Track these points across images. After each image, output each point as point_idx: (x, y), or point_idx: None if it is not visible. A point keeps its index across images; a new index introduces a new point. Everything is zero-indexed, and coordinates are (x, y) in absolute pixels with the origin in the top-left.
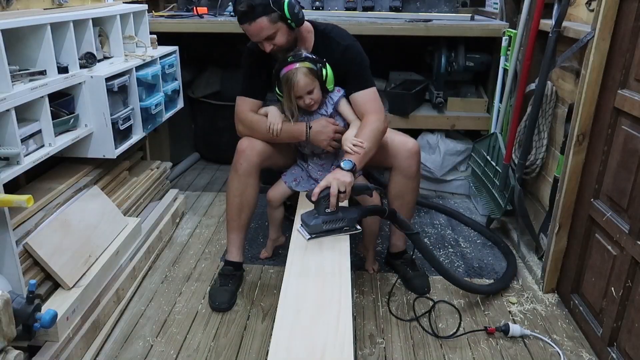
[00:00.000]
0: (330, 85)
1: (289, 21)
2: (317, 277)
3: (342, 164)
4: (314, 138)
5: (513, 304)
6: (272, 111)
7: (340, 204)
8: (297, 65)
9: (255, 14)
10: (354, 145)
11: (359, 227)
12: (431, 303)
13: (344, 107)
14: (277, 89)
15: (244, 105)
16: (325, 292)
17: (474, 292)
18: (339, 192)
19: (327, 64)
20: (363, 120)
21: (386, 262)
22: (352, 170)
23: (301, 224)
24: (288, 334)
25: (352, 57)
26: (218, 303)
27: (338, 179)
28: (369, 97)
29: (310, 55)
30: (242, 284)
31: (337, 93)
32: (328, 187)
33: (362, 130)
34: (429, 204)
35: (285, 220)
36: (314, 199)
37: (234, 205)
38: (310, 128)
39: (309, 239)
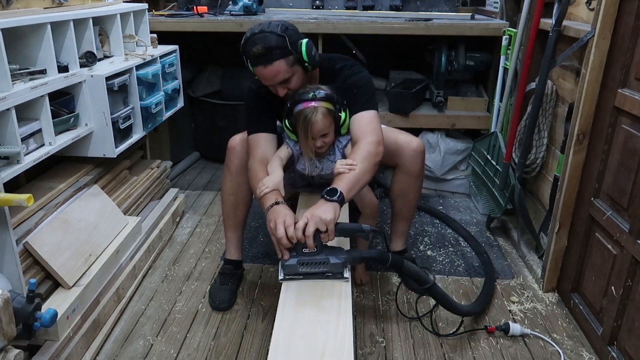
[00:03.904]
0: (344, 130)
1: (305, 64)
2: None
3: (325, 194)
4: (268, 216)
5: (513, 303)
6: (273, 175)
7: (327, 243)
8: (316, 104)
9: (272, 56)
10: (345, 164)
11: (346, 275)
12: (432, 302)
13: (349, 150)
14: (286, 122)
15: (256, 147)
16: (325, 292)
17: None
18: (319, 231)
19: (346, 106)
20: (355, 144)
21: None
22: (338, 201)
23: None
24: (288, 334)
25: (354, 81)
26: (218, 302)
27: (316, 215)
28: (365, 119)
29: (331, 94)
30: (242, 283)
31: (347, 137)
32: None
33: (353, 153)
34: (422, 207)
35: None
36: (293, 241)
37: (228, 203)
38: (270, 207)
39: (281, 279)
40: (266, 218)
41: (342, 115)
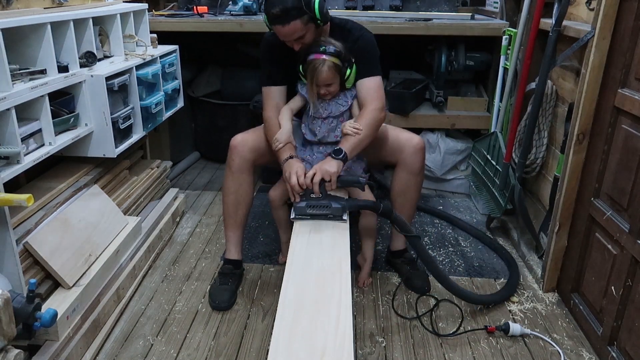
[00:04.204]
0: (349, 84)
1: (318, 21)
2: (318, 276)
3: (332, 153)
4: (284, 167)
5: (513, 302)
6: (284, 128)
7: (331, 192)
8: (326, 57)
9: (289, 17)
10: (352, 127)
11: (345, 217)
12: (432, 302)
13: (355, 104)
14: (300, 67)
15: (269, 99)
16: (325, 292)
17: (472, 302)
18: (324, 180)
19: (353, 64)
20: (362, 109)
21: (387, 261)
22: (342, 159)
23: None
24: (288, 334)
25: (363, 45)
26: (218, 302)
27: (322, 168)
28: (371, 86)
29: (341, 52)
30: (242, 283)
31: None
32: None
33: (360, 118)
34: (429, 209)
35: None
36: (303, 187)
37: (229, 202)
38: (285, 161)
39: (292, 218)
40: (282, 169)
41: (348, 72)
